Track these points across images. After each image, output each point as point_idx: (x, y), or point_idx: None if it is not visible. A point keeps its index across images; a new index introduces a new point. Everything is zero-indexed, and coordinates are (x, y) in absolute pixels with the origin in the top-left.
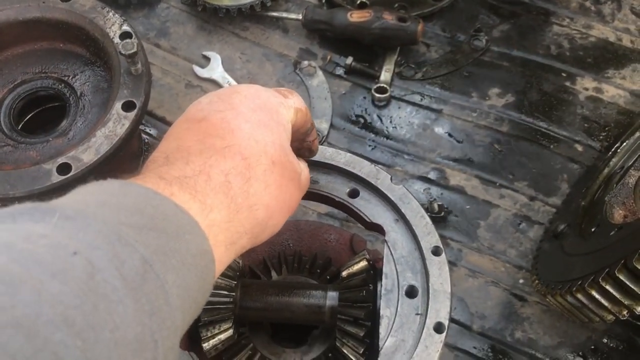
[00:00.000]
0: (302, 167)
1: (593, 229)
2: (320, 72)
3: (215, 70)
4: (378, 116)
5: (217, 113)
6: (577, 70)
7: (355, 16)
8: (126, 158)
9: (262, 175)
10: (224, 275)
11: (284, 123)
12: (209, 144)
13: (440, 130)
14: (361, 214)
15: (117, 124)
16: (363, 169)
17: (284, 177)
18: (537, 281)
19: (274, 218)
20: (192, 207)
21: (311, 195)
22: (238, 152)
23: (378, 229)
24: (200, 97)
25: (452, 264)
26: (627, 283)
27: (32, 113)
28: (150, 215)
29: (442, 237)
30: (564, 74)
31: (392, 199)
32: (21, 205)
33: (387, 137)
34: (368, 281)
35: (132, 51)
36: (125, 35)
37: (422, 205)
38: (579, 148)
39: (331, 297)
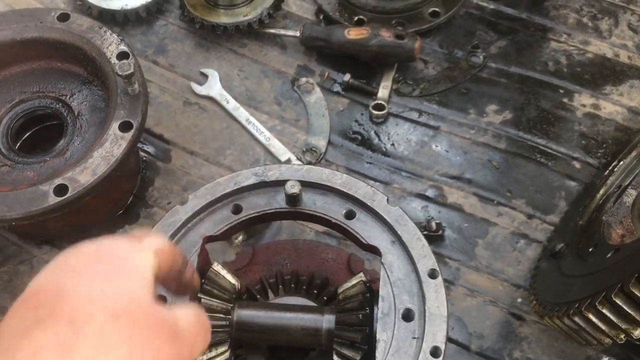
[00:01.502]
0: (181, 313)
1: (590, 249)
2: (318, 89)
3: (213, 87)
4: (376, 133)
5: (52, 281)
6: (575, 86)
7: (353, 33)
8: (123, 177)
9: (97, 336)
10: (219, 297)
11: (137, 270)
12: (30, 318)
13: (438, 147)
14: (357, 236)
15: (114, 145)
16: (359, 190)
17: (136, 330)
18: (534, 302)
19: None
20: None
21: (308, 216)
22: (63, 317)
23: (374, 250)
24: (197, 115)
25: (450, 282)
26: (624, 307)
27: (29, 132)
28: None
29: (439, 255)
30: (561, 91)
31: (389, 220)
32: None
33: (385, 154)
34: (365, 304)
35: (129, 72)
36: (122, 55)
37: (420, 223)
38: (577, 165)
39: (328, 320)
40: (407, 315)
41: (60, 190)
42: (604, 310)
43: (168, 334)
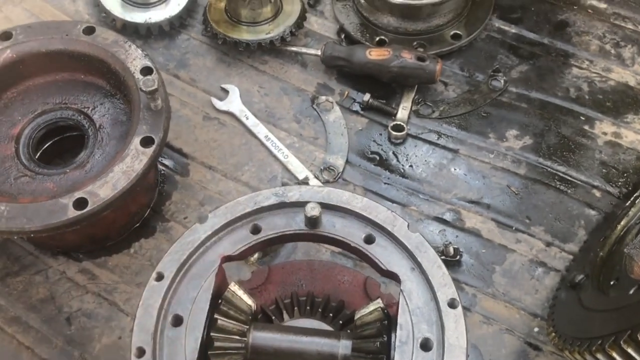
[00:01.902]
0: None
1: (612, 282)
2: (337, 108)
3: (234, 103)
4: (394, 154)
5: None
6: (596, 114)
7: (374, 54)
8: (142, 190)
9: None
10: (235, 319)
11: None
12: None
13: (456, 170)
14: (377, 261)
15: (135, 160)
16: (379, 214)
17: None
18: (553, 334)
19: None
20: None
21: (327, 239)
22: None
23: (393, 277)
24: (217, 130)
25: (466, 309)
26: None
27: (49, 142)
28: None
29: (456, 281)
30: (582, 118)
31: (409, 247)
32: None
33: (403, 175)
34: (383, 332)
35: (153, 88)
36: (146, 71)
37: (437, 247)
38: (597, 194)
39: (344, 346)
40: (426, 345)
41: (80, 203)
42: (629, 350)
43: None
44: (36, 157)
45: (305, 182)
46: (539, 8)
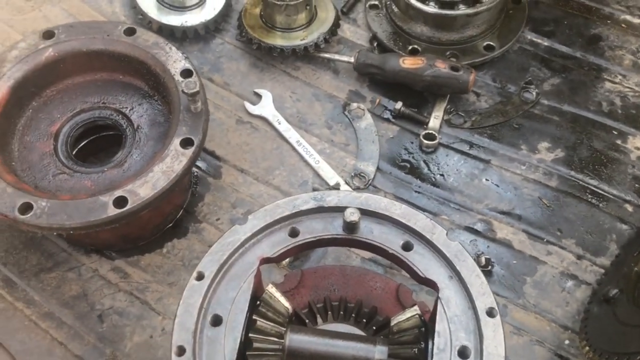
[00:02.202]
0: None
1: None
2: (368, 115)
3: (266, 107)
4: (425, 162)
5: None
6: (629, 128)
7: (408, 62)
8: (177, 191)
9: None
10: (273, 320)
11: None
12: None
13: (488, 181)
14: (415, 268)
15: (174, 160)
16: (418, 222)
17: None
18: (587, 347)
19: None
20: None
21: (365, 245)
22: None
23: (431, 284)
24: (249, 134)
25: None
26: None
27: (86, 141)
28: None
29: None
30: (615, 132)
31: (448, 255)
32: None
33: (434, 184)
34: (420, 338)
35: (195, 90)
36: (186, 73)
37: None
38: (629, 208)
39: (380, 351)
40: (463, 353)
41: (120, 202)
42: None
43: None
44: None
45: (336, 188)
46: (571, 22)
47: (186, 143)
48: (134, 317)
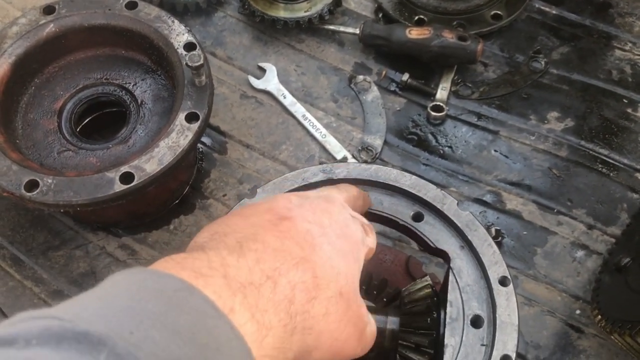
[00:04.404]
0: (371, 320)
1: None
2: (375, 87)
3: (271, 81)
4: (433, 134)
5: (304, 221)
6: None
7: (415, 33)
8: (183, 167)
9: (326, 301)
10: None
11: (360, 260)
12: (286, 247)
13: (497, 152)
14: (426, 239)
15: (180, 135)
16: (429, 192)
17: (346, 314)
18: (599, 316)
19: (320, 351)
20: (248, 330)
21: (375, 217)
22: (311, 268)
23: (443, 255)
24: (254, 108)
25: None
26: None
27: (89, 118)
28: (202, 344)
29: None
30: (625, 100)
31: (459, 225)
32: (66, 327)
33: (442, 156)
34: (432, 308)
35: (199, 63)
36: (190, 46)
37: None
38: None
39: (392, 322)
40: (476, 322)
41: (126, 178)
42: None
43: (359, 331)
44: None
45: (343, 161)
46: None
47: (191, 117)
48: None
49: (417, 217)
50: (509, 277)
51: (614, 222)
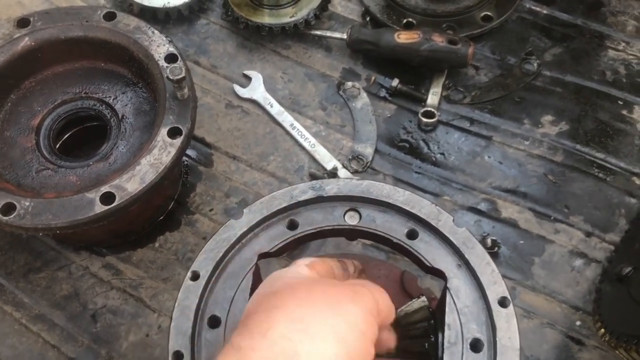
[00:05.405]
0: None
1: None
2: (364, 94)
3: (257, 90)
4: (425, 141)
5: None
6: (635, 98)
7: (403, 37)
8: (167, 183)
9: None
10: None
11: (362, 332)
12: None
13: (490, 158)
14: (421, 258)
15: (162, 152)
16: (423, 208)
17: None
18: (603, 329)
19: None
20: None
21: (367, 234)
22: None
23: (439, 274)
24: (240, 118)
25: None
26: None
27: (68, 134)
28: None
29: None
30: (620, 102)
31: (455, 242)
32: None
33: (435, 164)
34: (429, 332)
35: (180, 76)
36: (171, 58)
37: None
38: (637, 181)
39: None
40: (476, 346)
41: (107, 198)
42: None
43: None
44: (56, 148)
45: (333, 172)
46: None
47: (174, 132)
48: (129, 315)
49: (412, 235)
50: (509, 297)
51: (612, 229)
